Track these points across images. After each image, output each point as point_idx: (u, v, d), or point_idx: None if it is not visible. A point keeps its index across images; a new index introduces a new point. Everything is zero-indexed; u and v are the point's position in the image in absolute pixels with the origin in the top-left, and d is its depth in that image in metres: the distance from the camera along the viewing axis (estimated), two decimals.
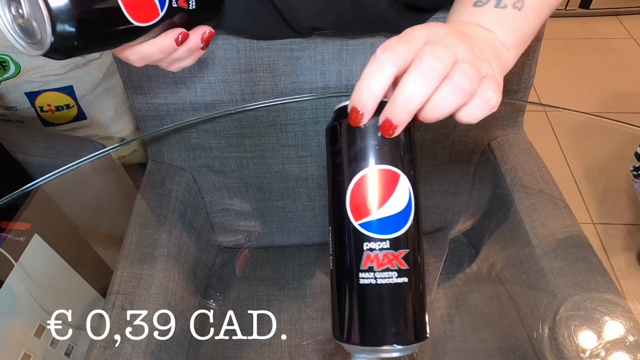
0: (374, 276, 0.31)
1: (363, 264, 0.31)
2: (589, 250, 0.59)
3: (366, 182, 0.31)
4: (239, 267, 0.77)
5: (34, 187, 0.59)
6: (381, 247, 0.31)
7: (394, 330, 0.31)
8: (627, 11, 2.03)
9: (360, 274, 0.31)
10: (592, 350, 0.54)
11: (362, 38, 0.59)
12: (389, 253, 0.31)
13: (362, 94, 0.30)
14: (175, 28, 0.39)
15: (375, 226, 0.31)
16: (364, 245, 0.31)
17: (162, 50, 0.39)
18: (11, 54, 0.95)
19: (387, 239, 0.31)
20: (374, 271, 0.31)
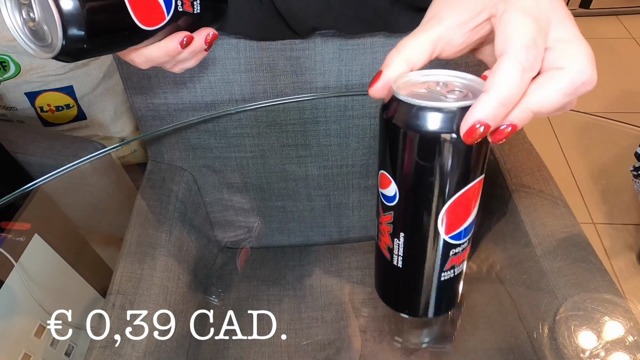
0: (454, 271, 0.34)
1: (447, 266, 0.33)
2: (589, 250, 0.59)
3: (464, 200, 0.30)
4: (240, 264, 0.77)
5: (34, 187, 0.59)
6: (463, 248, 0.33)
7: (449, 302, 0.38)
8: (627, 11, 2.03)
9: (442, 273, 0.34)
10: (592, 351, 0.54)
11: (362, 38, 0.58)
12: (467, 249, 0.34)
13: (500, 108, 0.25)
14: (180, 31, 0.40)
15: (462, 234, 0.32)
16: (451, 252, 0.33)
17: (167, 53, 0.40)
18: (11, 54, 0.95)
19: (468, 239, 0.33)
20: (454, 268, 0.34)
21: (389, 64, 0.30)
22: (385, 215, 0.33)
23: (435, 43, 0.29)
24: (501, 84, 0.25)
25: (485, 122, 0.25)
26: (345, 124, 0.64)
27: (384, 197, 0.32)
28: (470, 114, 0.25)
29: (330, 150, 0.67)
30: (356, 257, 0.77)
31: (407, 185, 0.31)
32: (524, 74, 0.25)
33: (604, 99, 1.66)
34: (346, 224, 0.77)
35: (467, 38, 0.30)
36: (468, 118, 0.25)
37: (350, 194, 0.73)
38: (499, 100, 0.25)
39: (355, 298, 0.71)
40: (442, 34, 0.29)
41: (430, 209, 0.30)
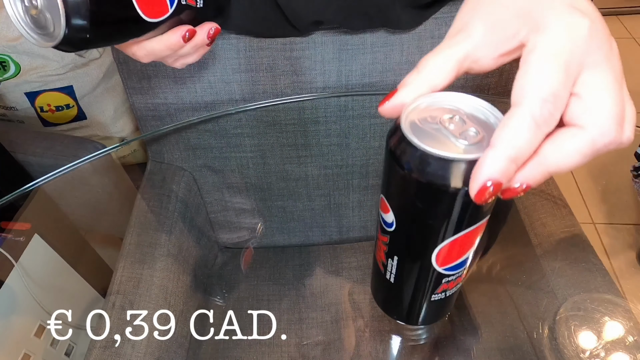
0: (445, 294, 0.35)
1: (438, 290, 0.34)
2: (589, 250, 0.59)
3: (464, 240, 0.29)
4: (244, 264, 0.77)
5: (34, 187, 0.59)
6: (458, 276, 0.33)
7: (441, 314, 0.40)
8: (627, 11, 2.03)
9: (433, 295, 0.35)
10: (592, 351, 0.54)
11: (362, 37, 0.58)
12: (461, 277, 0.34)
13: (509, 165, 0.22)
14: (182, 25, 0.40)
15: (456, 267, 0.32)
16: (444, 280, 0.33)
17: (169, 47, 0.40)
18: (11, 54, 0.94)
19: (464, 269, 0.33)
20: (446, 292, 0.35)
21: (406, 85, 0.27)
22: (383, 235, 0.33)
23: (461, 62, 0.26)
24: (510, 140, 0.22)
25: (496, 181, 0.22)
26: (345, 124, 0.64)
27: (382, 220, 0.32)
28: (478, 172, 0.23)
29: (330, 150, 0.67)
30: (356, 257, 0.77)
31: (404, 220, 0.30)
32: (537, 130, 0.22)
33: None
34: (346, 223, 0.77)
35: (497, 62, 0.27)
36: (477, 177, 0.23)
37: (350, 194, 0.73)
38: (508, 157, 0.22)
39: (355, 298, 0.71)
40: (470, 52, 0.26)
41: (426, 246, 0.30)
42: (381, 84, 0.61)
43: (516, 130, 0.22)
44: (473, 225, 0.28)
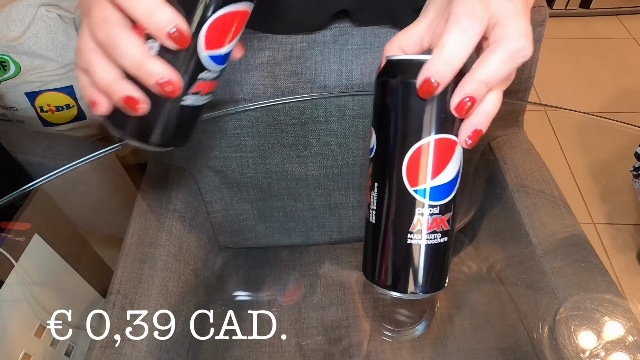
0: (421, 237, 0.33)
1: (412, 227, 0.33)
2: (589, 250, 0.59)
3: (427, 151, 0.31)
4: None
5: (34, 187, 0.59)
6: (432, 213, 0.33)
7: (424, 280, 0.35)
8: (627, 11, 2.03)
9: (408, 235, 0.33)
10: (592, 351, 0.54)
11: (362, 37, 0.59)
12: (437, 217, 0.33)
13: (443, 65, 0.29)
14: None
15: (430, 193, 0.32)
16: (416, 210, 0.32)
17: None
18: (11, 54, 0.94)
19: (438, 205, 0.33)
20: (421, 233, 0.33)
21: (386, 52, 0.35)
22: (369, 168, 0.35)
23: (422, 35, 0.34)
24: (444, 45, 0.29)
25: (436, 78, 0.29)
26: (345, 124, 0.64)
27: (370, 152, 0.35)
28: (422, 70, 0.30)
29: (331, 150, 0.67)
30: (356, 256, 0.77)
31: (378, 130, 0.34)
32: (462, 34, 0.29)
33: (604, 99, 1.66)
34: (346, 223, 0.77)
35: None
36: (421, 73, 0.30)
37: (351, 194, 0.73)
38: (443, 58, 0.29)
39: (356, 298, 0.71)
40: (427, 27, 0.34)
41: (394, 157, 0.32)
42: None
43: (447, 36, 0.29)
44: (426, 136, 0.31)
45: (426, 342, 0.66)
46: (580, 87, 1.72)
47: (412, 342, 0.66)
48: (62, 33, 0.93)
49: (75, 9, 0.92)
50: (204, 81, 0.34)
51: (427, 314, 0.69)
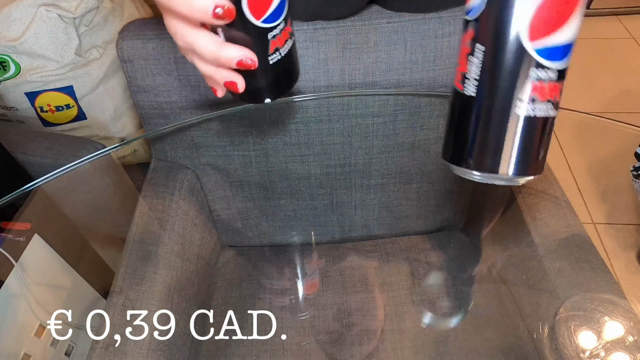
0: (534, 107, 0.28)
1: (525, 94, 0.28)
2: (590, 250, 0.59)
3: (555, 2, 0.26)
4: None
5: (34, 187, 0.59)
6: (550, 78, 0.28)
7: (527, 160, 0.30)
8: (627, 11, 2.03)
9: (518, 103, 0.28)
10: (592, 351, 0.54)
11: (365, 36, 0.58)
12: (553, 84, 0.28)
13: None
14: None
15: (552, 52, 0.27)
16: (534, 73, 0.28)
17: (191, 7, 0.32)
18: (11, 54, 0.94)
19: (557, 69, 0.28)
20: (534, 102, 0.28)
21: None
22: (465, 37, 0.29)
23: None
24: None
25: None
26: (348, 123, 0.64)
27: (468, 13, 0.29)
28: None
29: (333, 149, 0.67)
30: (358, 256, 0.77)
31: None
32: None
33: (604, 99, 1.67)
34: (348, 223, 0.77)
35: None
36: None
37: (353, 193, 0.73)
38: None
39: (357, 297, 0.71)
40: None
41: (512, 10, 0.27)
42: (384, 82, 0.61)
43: None
44: None
45: (427, 341, 0.66)
46: (580, 87, 1.72)
47: (414, 342, 0.66)
48: (62, 33, 0.93)
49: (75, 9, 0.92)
50: (274, 39, 0.35)
51: (428, 314, 0.69)
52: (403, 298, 0.70)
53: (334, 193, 0.73)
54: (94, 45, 1.00)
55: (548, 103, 0.28)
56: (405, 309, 0.69)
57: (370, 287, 0.72)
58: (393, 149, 0.67)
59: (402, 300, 0.70)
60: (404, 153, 0.68)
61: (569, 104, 1.72)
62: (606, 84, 1.72)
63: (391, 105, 0.63)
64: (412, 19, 0.58)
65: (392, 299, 0.70)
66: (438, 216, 0.78)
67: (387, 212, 0.76)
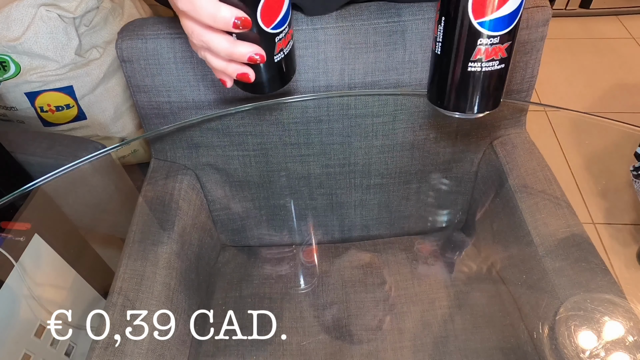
0: (481, 65, 0.37)
1: (474, 56, 0.37)
2: (590, 250, 0.59)
3: None
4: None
5: (34, 187, 0.59)
6: (492, 43, 0.36)
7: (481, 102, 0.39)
8: (627, 11, 2.03)
9: (469, 63, 0.37)
10: (592, 351, 0.54)
11: (365, 36, 0.58)
12: (496, 47, 0.36)
13: None
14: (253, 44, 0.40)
15: (492, 24, 0.35)
16: (478, 41, 0.36)
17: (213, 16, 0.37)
18: (11, 54, 0.94)
19: (499, 35, 0.36)
20: (481, 62, 0.37)
21: None
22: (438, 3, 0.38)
23: None
24: None
25: None
26: (347, 123, 0.64)
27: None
28: None
29: (333, 149, 0.67)
30: (358, 256, 0.77)
31: None
32: None
33: (603, 99, 1.67)
34: (348, 223, 0.77)
35: None
36: None
37: (353, 193, 0.73)
38: None
39: (357, 297, 0.71)
40: None
41: None
42: (384, 82, 0.61)
43: None
44: None
45: (427, 341, 0.66)
46: (580, 87, 1.72)
47: (414, 341, 0.66)
48: (62, 33, 0.93)
49: (75, 9, 0.92)
50: (280, 41, 0.41)
51: (428, 314, 0.68)
52: (403, 298, 0.70)
53: (334, 193, 0.73)
54: (94, 45, 1.00)
55: (494, 61, 0.37)
56: (404, 308, 0.69)
57: (370, 287, 0.72)
58: (393, 149, 0.67)
59: (402, 300, 0.70)
60: (404, 153, 0.68)
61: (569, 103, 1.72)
62: (606, 84, 1.72)
63: (391, 105, 0.63)
64: (412, 19, 0.58)
65: (392, 298, 0.70)
66: (438, 216, 0.78)
67: (386, 212, 0.76)
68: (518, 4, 0.35)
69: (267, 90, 0.45)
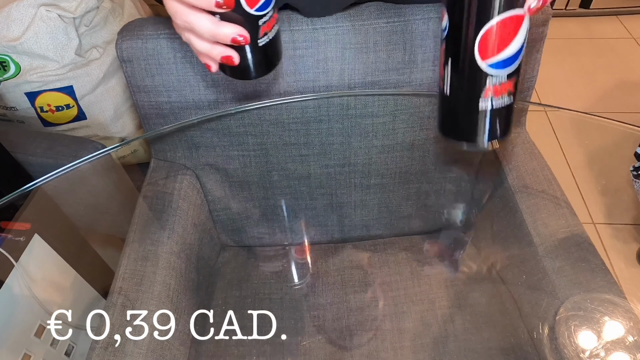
0: (491, 103, 0.37)
1: (484, 95, 0.37)
2: (590, 250, 0.59)
3: (495, 29, 0.34)
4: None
5: (34, 187, 0.59)
6: (500, 81, 0.36)
7: (496, 133, 0.40)
8: (627, 11, 2.03)
9: (480, 103, 0.37)
10: (592, 351, 0.54)
11: (365, 36, 0.58)
12: (505, 84, 0.37)
13: None
14: None
15: (500, 64, 0.36)
16: (486, 80, 0.36)
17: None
18: (11, 54, 0.94)
19: (506, 74, 0.36)
20: (491, 100, 0.37)
21: None
22: (442, 46, 0.38)
23: None
24: None
25: None
26: (347, 123, 0.64)
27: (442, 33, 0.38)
28: None
29: (333, 149, 0.67)
30: (358, 256, 0.77)
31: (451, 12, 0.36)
32: None
33: (603, 99, 1.67)
34: (348, 223, 0.77)
35: None
36: None
37: (352, 193, 0.73)
38: None
39: (357, 297, 0.71)
40: None
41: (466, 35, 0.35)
42: (384, 82, 0.61)
43: None
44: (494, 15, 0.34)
45: (427, 341, 0.66)
46: (580, 87, 1.72)
47: (414, 341, 0.66)
48: (62, 33, 0.93)
49: (75, 9, 0.92)
50: (264, 25, 0.41)
51: (428, 314, 0.68)
52: (403, 298, 0.70)
53: (334, 193, 0.73)
54: (94, 45, 1.00)
55: (503, 97, 0.38)
56: (405, 308, 0.69)
57: (370, 287, 0.72)
58: (393, 149, 0.67)
59: (402, 300, 0.70)
60: (404, 153, 0.68)
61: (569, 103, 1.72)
62: (606, 84, 1.72)
63: (391, 105, 0.63)
64: (412, 19, 0.58)
65: (392, 298, 0.70)
66: (438, 216, 0.78)
67: (386, 212, 0.76)
68: (522, 41, 0.35)
69: (252, 76, 0.45)
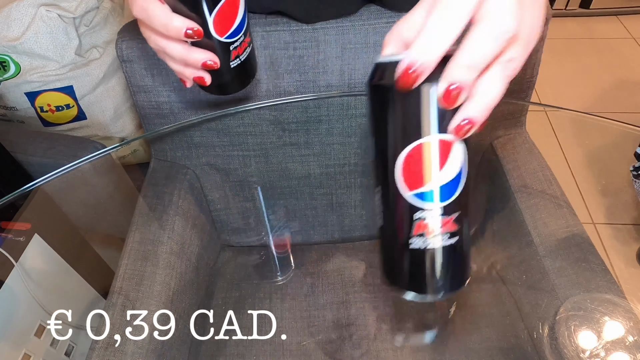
0: (425, 242, 0.30)
1: (413, 231, 0.30)
2: (590, 250, 0.59)
3: (420, 153, 0.29)
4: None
5: (34, 187, 0.59)
6: (432, 216, 0.30)
7: (441, 282, 0.32)
8: (627, 11, 2.03)
9: (410, 240, 0.30)
10: (592, 351, 0.54)
11: (365, 36, 0.58)
12: (441, 219, 0.30)
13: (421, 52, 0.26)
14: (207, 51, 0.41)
15: (429, 196, 0.29)
16: (415, 215, 0.30)
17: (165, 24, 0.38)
18: (11, 54, 0.94)
19: (440, 207, 0.30)
20: (424, 237, 0.30)
21: (385, 42, 0.32)
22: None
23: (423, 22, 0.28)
24: (423, 30, 0.27)
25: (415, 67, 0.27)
26: (347, 123, 0.64)
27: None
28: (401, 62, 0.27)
29: (333, 149, 0.67)
30: (358, 256, 0.77)
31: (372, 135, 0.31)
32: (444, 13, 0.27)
33: (603, 99, 1.67)
34: (348, 223, 0.77)
35: None
36: (399, 65, 0.27)
37: (352, 193, 0.73)
38: (421, 45, 0.27)
39: (357, 297, 0.71)
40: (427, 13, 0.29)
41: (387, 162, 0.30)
42: None
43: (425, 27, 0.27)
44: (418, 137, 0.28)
45: (427, 341, 0.66)
46: (580, 87, 1.72)
47: (413, 341, 0.66)
48: (62, 33, 0.93)
49: (75, 9, 0.92)
50: (235, 49, 0.42)
51: (428, 313, 0.68)
52: (403, 298, 0.70)
53: (334, 193, 0.73)
54: (94, 45, 1.00)
55: (437, 236, 0.30)
56: (405, 309, 0.69)
57: (370, 287, 0.72)
58: None
59: (402, 300, 0.70)
60: None
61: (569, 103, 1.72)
62: (606, 84, 1.72)
63: None
64: None
65: (392, 299, 0.70)
66: None
67: None
68: (458, 170, 0.30)
69: (226, 93, 0.46)
